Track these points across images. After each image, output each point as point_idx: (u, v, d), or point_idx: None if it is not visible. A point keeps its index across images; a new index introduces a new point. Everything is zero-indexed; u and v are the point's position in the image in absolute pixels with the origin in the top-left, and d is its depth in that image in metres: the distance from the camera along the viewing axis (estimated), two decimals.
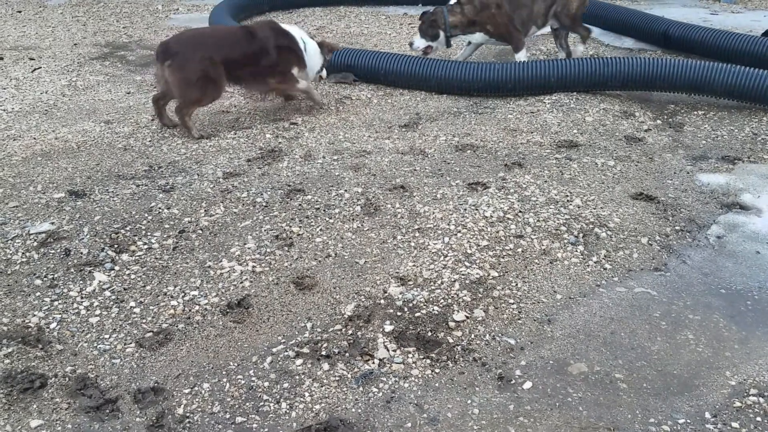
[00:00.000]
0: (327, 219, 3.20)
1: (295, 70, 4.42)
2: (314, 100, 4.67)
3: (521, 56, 5.20)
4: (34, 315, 2.49)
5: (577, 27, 5.49)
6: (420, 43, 5.23)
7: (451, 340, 2.39)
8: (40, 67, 5.58)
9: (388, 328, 2.44)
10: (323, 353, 2.32)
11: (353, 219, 3.21)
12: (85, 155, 3.85)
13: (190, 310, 2.55)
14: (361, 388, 2.18)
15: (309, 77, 4.57)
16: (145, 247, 2.94)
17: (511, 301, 2.61)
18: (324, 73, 4.74)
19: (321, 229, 3.12)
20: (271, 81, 4.36)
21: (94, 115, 4.51)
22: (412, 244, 3.00)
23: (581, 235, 3.05)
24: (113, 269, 2.78)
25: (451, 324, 2.46)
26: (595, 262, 2.87)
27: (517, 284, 2.71)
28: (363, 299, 2.62)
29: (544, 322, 2.49)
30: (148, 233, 3.04)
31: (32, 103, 4.73)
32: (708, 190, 3.51)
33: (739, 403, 2.13)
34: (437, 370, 2.26)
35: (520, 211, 3.23)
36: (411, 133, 4.27)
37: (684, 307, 2.60)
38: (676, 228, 3.15)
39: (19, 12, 7.68)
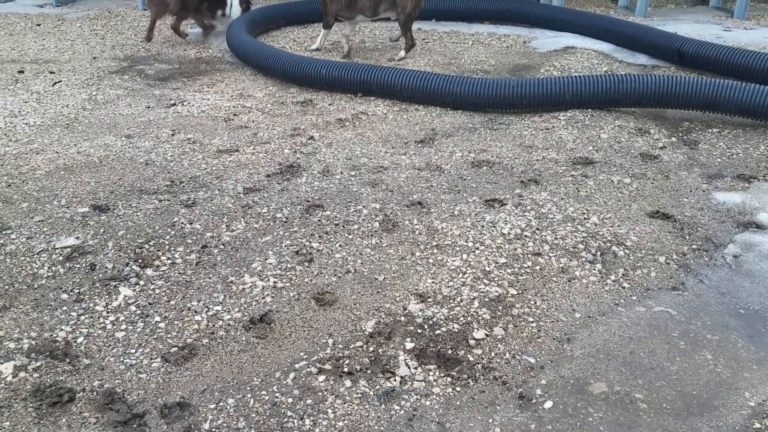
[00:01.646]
0: (346, 235, 3.25)
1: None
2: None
3: (321, 35, 6.55)
4: (62, 329, 2.54)
5: (406, 31, 6.25)
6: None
7: (471, 358, 2.41)
8: (61, 81, 5.67)
9: (409, 345, 2.48)
10: (345, 370, 2.36)
11: (372, 235, 3.25)
12: (107, 170, 3.92)
13: (213, 325, 2.59)
14: (383, 406, 2.21)
15: None
16: (169, 261, 2.99)
17: (531, 319, 2.64)
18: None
19: (340, 245, 3.16)
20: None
21: (114, 130, 4.58)
22: (431, 260, 3.03)
23: (599, 253, 3.08)
24: (138, 284, 2.83)
25: (471, 342, 2.49)
26: (613, 281, 2.90)
27: (536, 302, 2.74)
28: (383, 316, 2.65)
29: (563, 340, 2.52)
30: (172, 248, 3.09)
31: (54, 117, 4.82)
32: (724, 209, 3.52)
33: (759, 425, 2.14)
34: (458, 389, 2.29)
35: (538, 229, 3.26)
36: (427, 149, 4.31)
37: (702, 327, 2.62)
38: (693, 247, 3.17)
39: (38, 25, 7.81)
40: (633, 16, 7.78)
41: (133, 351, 2.45)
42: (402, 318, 2.63)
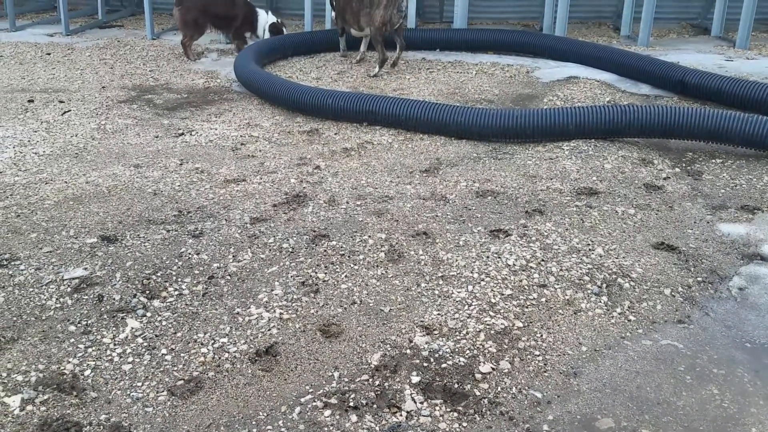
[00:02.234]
0: (352, 265, 3.26)
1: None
2: None
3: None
4: (69, 362, 2.55)
5: (375, 44, 6.76)
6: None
7: (477, 393, 2.41)
8: (70, 110, 5.75)
9: (415, 379, 2.48)
10: (351, 404, 2.36)
11: (377, 265, 3.26)
12: (115, 200, 3.95)
13: (219, 358, 2.60)
14: None
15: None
16: (176, 293, 3.01)
17: (537, 352, 2.64)
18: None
19: (346, 276, 3.17)
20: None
21: (123, 159, 4.64)
22: (436, 292, 3.04)
23: (604, 285, 3.08)
24: (145, 315, 2.84)
25: (478, 376, 2.49)
26: (619, 314, 2.90)
27: (542, 335, 2.74)
28: (389, 348, 2.65)
29: (570, 375, 2.52)
30: (179, 279, 3.11)
31: (63, 147, 4.88)
32: (728, 240, 3.53)
33: None
34: (465, 424, 2.28)
35: (543, 260, 3.28)
36: (432, 179, 4.35)
37: (708, 361, 2.61)
38: (698, 279, 3.18)
39: (48, 54, 7.93)
40: (635, 45, 7.87)
41: (139, 384, 2.45)
42: (408, 351, 2.64)
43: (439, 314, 2.87)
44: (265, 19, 7.71)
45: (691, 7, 9.01)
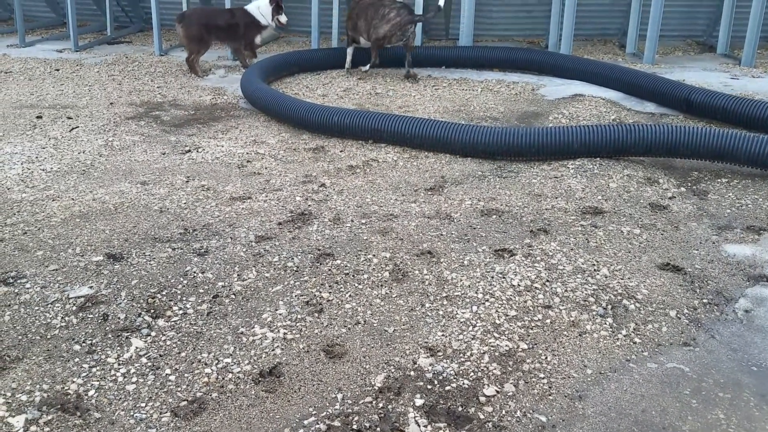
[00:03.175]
0: (356, 285, 3.26)
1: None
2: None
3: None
4: (73, 382, 2.55)
5: (372, 50, 7.21)
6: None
7: (482, 416, 2.40)
8: (78, 127, 5.80)
9: (419, 402, 2.47)
10: (354, 427, 2.35)
11: (382, 285, 3.26)
12: (122, 217, 3.98)
13: (223, 378, 2.60)
14: None
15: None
16: (181, 312, 3.01)
17: (542, 375, 2.62)
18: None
19: (350, 295, 3.17)
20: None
21: (130, 176, 4.66)
22: (441, 312, 3.04)
23: (610, 306, 3.07)
24: (149, 335, 2.85)
25: (482, 399, 2.48)
26: (624, 336, 2.89)
27: (546, 357, 2.73)
28: (393, 370, 2.65)
29: (575, 398, 2.50)
30: (184, 298, 3.12)
31: (70, 163, 4.91)
32: (734, 261, 3.52)
33: None
34: None
35: (548, 281, 3.27)
36: (437, 197, 4.35)
37: (714, 385, 2.59)
38: (704, 301, 3.16)
39: (57, 70, 8.01)
40: (641, 63, 7.89)
41: (143, 405, 2.45)
42: (412, 372, 2.63)
43: (443, 335, 2.86)
44: (257, 4, 7.76)
45: (696, 24, 9.04)
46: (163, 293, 3.14)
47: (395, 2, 7.04)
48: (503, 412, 2.42)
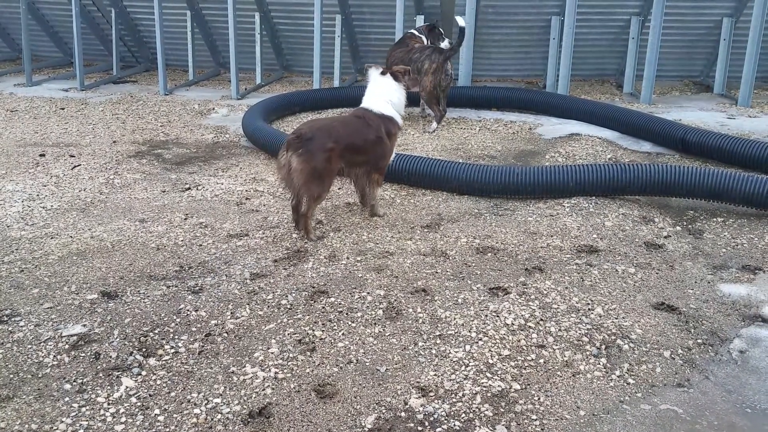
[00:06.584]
0: (349, 323, 3.26)
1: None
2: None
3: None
4: (62, 421, 2.54)
5: (431, 106, 6.98)
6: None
7: None
8: (80, 164, 5.86)
9: None
10: None
11: (375, 323, 3.26)
12: (119, 255, 4.00)
13: (212, 419, 2.58)
14: None
15: None
16: (172, 351, 3.01)
17: (534, 417, 2.60)
18: None
19: (343, 333, 3.17)
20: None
21: (129, 214, 4.70)
22: (434, 351, 3.03)
23: (603, 346, 3.06)
24: (140, 374, 2.84)
25: None
26: (618, 376, 2.86)
27: (539, 398, 2.71)
28: (383, 411, 2.63)
29: None
30: (176, 336, 3.12)
31: (70, 201, 4.96)
32: (729, 301, 3.51)
33: None
34: None
35: (542, 319, 3.26)
36: (433, 234, 4.37)
37: (708, 427, 2.57)
38: (699, 341, 3.14)
39: (62, 109, 8.13)
40: (638, 103, 7.98)
41: None
42: (402, 413, 2.61)
43: (435, 375, 2.85)
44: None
45: (693, 64, 9.16)
46: (156, 331, 3.14)
47: (423, 49, 6.90)
48: None
